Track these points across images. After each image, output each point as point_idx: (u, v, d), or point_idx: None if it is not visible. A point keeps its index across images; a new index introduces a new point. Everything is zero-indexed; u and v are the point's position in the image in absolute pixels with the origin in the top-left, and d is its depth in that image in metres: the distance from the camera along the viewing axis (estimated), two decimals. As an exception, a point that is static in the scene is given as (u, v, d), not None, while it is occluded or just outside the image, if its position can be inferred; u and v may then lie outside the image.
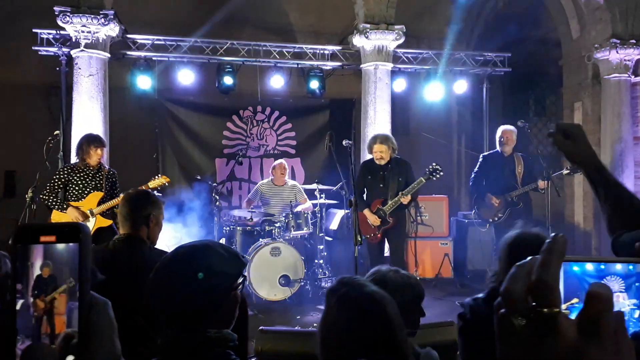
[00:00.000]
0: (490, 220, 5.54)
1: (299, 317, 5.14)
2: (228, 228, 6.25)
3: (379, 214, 4.97)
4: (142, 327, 2.25)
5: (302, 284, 5.63)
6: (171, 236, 5.38)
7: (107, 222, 4.77)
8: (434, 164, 4.93)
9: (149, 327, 2.26)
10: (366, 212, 5.01)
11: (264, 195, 6.39)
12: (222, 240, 5.88)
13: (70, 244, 0.63)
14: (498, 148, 5.65)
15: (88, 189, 4.74)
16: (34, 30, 6.71)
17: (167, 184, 4.91)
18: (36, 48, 6.78)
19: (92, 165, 4.78)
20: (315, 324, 4.91)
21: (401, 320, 1.35)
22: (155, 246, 2.54)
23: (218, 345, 1.34)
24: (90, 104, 6.53)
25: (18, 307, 0.63)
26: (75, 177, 4.73)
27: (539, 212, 5.92)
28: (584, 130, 1.46)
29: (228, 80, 7.24)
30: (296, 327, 4.63)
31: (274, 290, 5.56)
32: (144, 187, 4.60)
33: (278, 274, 5.54)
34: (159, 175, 4.99)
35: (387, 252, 5.38)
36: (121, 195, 4.39)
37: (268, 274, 5.54)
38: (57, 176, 4.75)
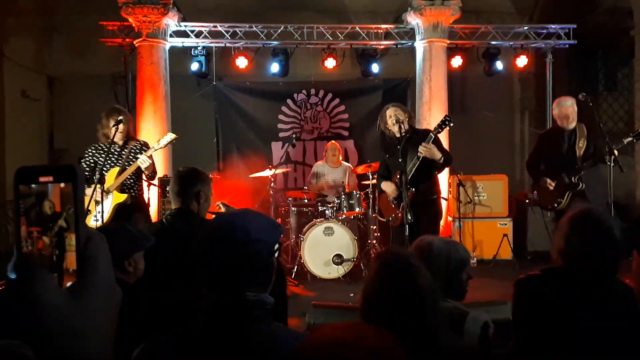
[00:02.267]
0: (550, 207, 4.97)
1: (352, 294, 5.20)
2: (283, 209, 6.41)
3: (397, 185, 4.24)
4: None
5: (356, 263, 5.68)
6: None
7: (122, 197, 4.28)
8: (445, 114, 4.36)
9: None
10: (383, 184, 4.46)
11: (319, 176, 6.49)
12: (278, 221, 6.01)
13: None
14: (559, 123, 4.98)
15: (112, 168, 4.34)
16: (100, 22, 7.09)
17: (174, 141, 4.48)
18: (103, 39, 7.17)
19: (117, 141, 4.31)
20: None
21: (434, 294, 1.53)
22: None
23: (256, 308, 1.39)
24: (152, 91, 6.86)
25: (40, 246, 0.72)
26: (101, 157, 4.30)
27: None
28: None
29: (282, 65, 7.35)
30: (349, 303, 4.68)
31: (327, 269, 5.65)
32: (154, 148, 4.32)
33: (331, 253, 5.62)
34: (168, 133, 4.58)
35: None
36: (138, 162, 4.19)
37: (322, 253, 5.64)
38: (83, 159, 4.42)
